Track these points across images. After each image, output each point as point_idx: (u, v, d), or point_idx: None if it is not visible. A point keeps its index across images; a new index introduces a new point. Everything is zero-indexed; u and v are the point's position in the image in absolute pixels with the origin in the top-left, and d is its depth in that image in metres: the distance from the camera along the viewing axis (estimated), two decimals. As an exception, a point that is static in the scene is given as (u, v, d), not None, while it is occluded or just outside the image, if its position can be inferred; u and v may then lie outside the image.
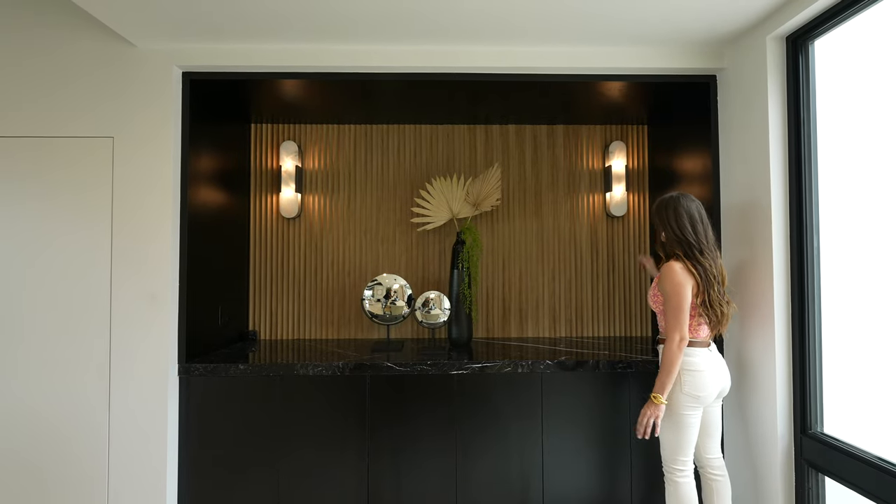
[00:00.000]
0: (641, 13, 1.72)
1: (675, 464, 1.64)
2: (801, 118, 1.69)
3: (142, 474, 1.86)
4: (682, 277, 1.59)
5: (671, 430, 1.63)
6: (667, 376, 1.57)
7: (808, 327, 1.66)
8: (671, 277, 1.60)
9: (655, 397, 1.59)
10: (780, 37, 1.74)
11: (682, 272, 1.59)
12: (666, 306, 1.61)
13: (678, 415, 1.62)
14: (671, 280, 1.59)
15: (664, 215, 1.66)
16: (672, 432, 1.63)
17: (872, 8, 1.45)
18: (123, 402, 1.87)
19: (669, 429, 1.63)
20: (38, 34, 1.89)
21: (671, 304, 1.59)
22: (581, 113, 2.48)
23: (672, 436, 1.63)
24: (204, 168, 2.09)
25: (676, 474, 1.64)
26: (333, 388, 1.93)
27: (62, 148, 1.90)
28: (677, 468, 1.64)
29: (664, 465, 1.68)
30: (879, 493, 1.37)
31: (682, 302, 1.58)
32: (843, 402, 1.66)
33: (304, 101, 2.29)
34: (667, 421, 1.63)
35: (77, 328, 1.87)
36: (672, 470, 1.65)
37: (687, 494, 1.64)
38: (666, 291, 1.61)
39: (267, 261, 2.57)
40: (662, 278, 1.63)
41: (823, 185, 1.67)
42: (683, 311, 1.58)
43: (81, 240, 1.89)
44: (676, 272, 1.60)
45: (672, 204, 1.65)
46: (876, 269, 1.63)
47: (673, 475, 1.65)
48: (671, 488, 1.66)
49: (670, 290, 1.59)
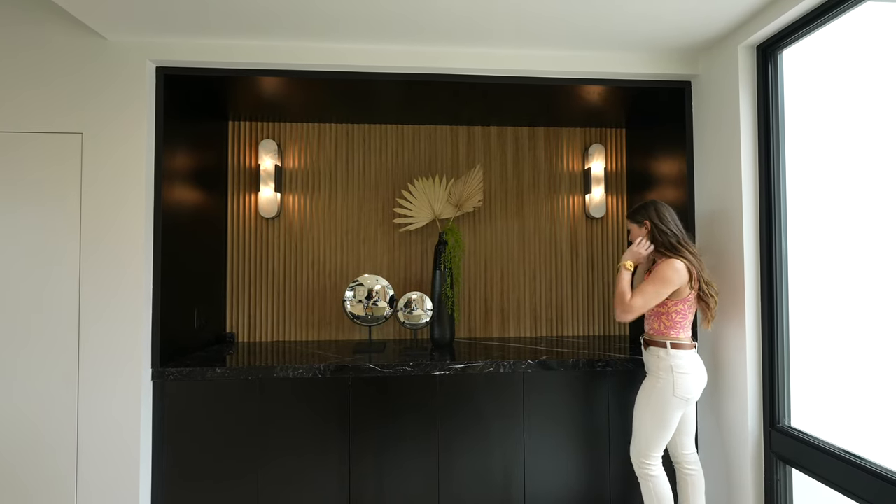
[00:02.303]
0: (620, 19, 1.75)
1: (647, 458, 1.70)
2: (771, 124, 1.76)
3: (113, 485, 1.79)
4: (675, 275, 1.65)
5: (655, 426, 1.68)
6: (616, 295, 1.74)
7: (777, 326, 1.73)
8: (667, 268, 1.66)
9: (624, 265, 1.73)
10: (751, 46, 1.80)
11: (681, 271, 1.66)
12: (648, 286, 1.67)
13: (665, 414, 1.67)
14: (667, 270, 1.66)
15: (649, 213, 1.77)
16: (655, 429, 1.68)
17: (836, 21, 1.52)
18: (93, 409, 1.80)
19: (654, 425, 1.68)
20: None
21: (654, 286, 1.66)
22: (561, 115, 2.51)
23: (654, 432, 1.69)
24: (179, 166, 2.03)
25: (650, 469, 1.70)
26: (314, 390, 1.91)
27: (27, 143, 1.81)
28: (650, 463, 1.70)
29: (636, 461, 1.74)
30: (843, 484, 1.44)
31: (662, 291, 1.66)
32: (810, 397, 1.73)
33: (284, 99, 2.25)
34: (652, 418, 1.68)
35: (42, 332, 1.79)
36: (644, 465, 1.71)
37: (663, 486, 1.70)
38: (656, 277, 1.68)
39: (245, 261, 2.51)
40: (660, 267, 1.69)
41: (791, 189, 1.74)
42: (654, 300, 1.68)
43: (48, 240, 1.81)
44: (675, 268, 1.66)
45: (652, 205, 1.79)
46: (840, 270, 1.71)
47: (646, 469, 1.70)
48: (648, 483, 1.71)
49: (660, 278, 1.66)
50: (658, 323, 1.74)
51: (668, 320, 1.71)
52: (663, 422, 1.68)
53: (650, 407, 1.69)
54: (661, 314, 1.72)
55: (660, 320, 1.73)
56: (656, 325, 1.75)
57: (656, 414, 1.68)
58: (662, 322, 1.73)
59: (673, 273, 1.66)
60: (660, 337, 1.73)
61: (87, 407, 1.80)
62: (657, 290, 1.67)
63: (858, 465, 1.39)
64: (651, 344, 1.75)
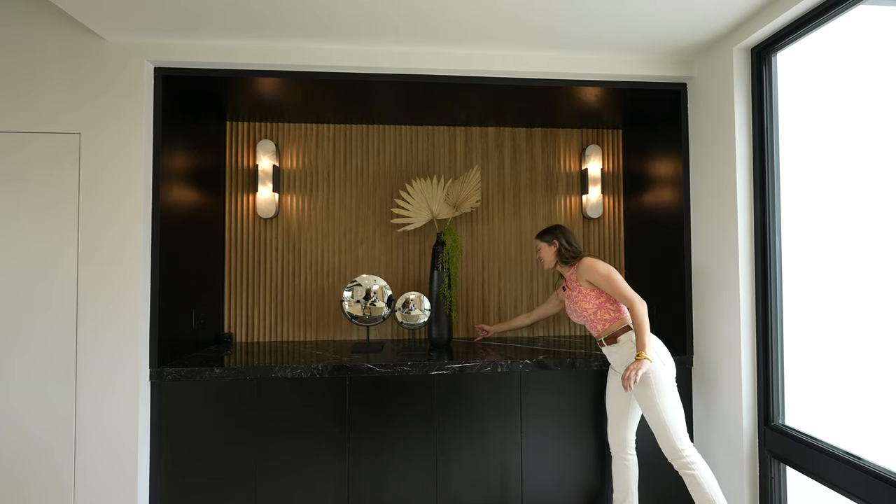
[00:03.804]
0: (616, 22, 1.77)
1: (684, 445, 1.64)
2: (765, 126, 1.78)
3: (111, 485, 1.79)
4: (599, 260, 1.84)
5: (670, 403, 1.67)
6: (645, 335, 1.68)
7: (771, 325, 1.75)
8: (597, 266, 1.82)
9: (640, 355, 1.65)
10: (745, 48, 1.82)
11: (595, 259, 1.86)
12: (610, 287, 1.78)
13: (673, 389, 1.70)
14: (600, 267, 1.81)
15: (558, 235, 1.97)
16: (674, 410, 1.67)
17: (829, 24, 1.54)
18: (91, 410, 1.80)
19: (669, 403, 1.67)
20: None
21: (614, 281, 1.77)
22: (558, 117, 2.53)
23: (675, 414, 1.67)
24: (177, 166, 2.03)
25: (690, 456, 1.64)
26: (313, 390, 1.91)
27: (25, 144, 1.81)
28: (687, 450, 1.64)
29: (673, 456, 1.66)
30: (837, 481, 1.46)
31: (616, 272, 1.80)
32: (804, 395, 1.75)
33: (282, 100, 2.25)
34: (662, 396, 1.66)
35: (40, 331, 1.79)
36: (683, 455, 1.64)
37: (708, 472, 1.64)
38: (599, 277, 1.80)
39: (243, 261, 2.51)
40: (588, 272, 1.82)
41: (785, 189, 1.76)
42: (622, 279, 1.78)
43: (46, 240, 1.80)
44: (594, 259, 1.85)
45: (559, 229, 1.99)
46: (833, 269, 1.73)
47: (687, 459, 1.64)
48: (694, 473, 1.63)
49: (605, 274, 1.79)
50: (606, 313, 1.82)
51: (611, 306, 1.83)
52: (675, 398, 1.69)
53: (657, 392, 1.66)
54: (604, 303, 1.83)
55: (606, 310, 1.82)
56: (606, 315, 1.82)
57: (665, 395, 1.67)
58: (609, 311, 1.82)
59: (598, 264, 1.82)
60: (617, 324, 1.80)
61: (84, 408, 1.80)
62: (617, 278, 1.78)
63: (852, 462, 1.41)
64: (617, 335, 1.79)
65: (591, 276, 1.82)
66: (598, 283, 1.81)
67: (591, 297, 1.84)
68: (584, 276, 1.85)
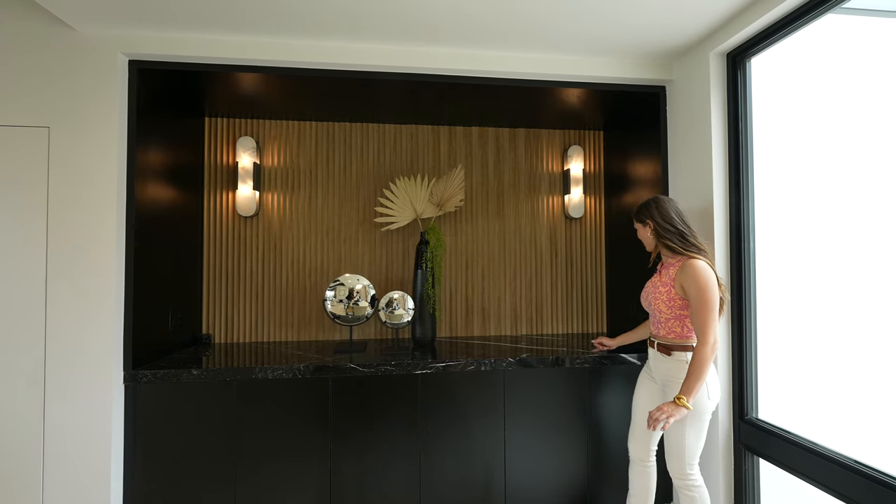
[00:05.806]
0: (599, 25, 1.80)
1: (692, 469, 1.59)
2: (740, 128, 1.83)
3: (81, 495, 1.73)
4: (711, 276, 1.52)
5: (696, 435, 1.56)
6: (698, 381, 1.47)
7: (745, 322, 1.81)
8: (700, 275, 1.51)
9: (681, 399, 1.47)
10: (721, 53, 1.88)
11: (709, 269, 1.54)
12: (696, 307, 1.50)
13: (704, 422, 1.57)
14: (701, 278, 1.50)
15: (651, 212, 1.67)
16: (697, 439, 1.57)
17: (799, 32, 1.60)
18: (61, 415, 1.73)
19: (695, 436, 1.56)
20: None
21: (703, 303, 1.49)
22: (541, 117, 2.55)
23: (696, 443, 1.57)
24: (153, 162, 1.97)
25: (695, 479, 1.59)
26: (294, 391, 1.88)
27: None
28: (694, 474, 1.59)
29: (678, 475, 1.60)
30: (806, 472, 1.51)
31: (715, 300, 1.50)
32: (776, 390, 1.81)
33: (262, 96, 2.21)
34: (693, 426, 1.55)
35: (5, 332, 1.71)
36: (687, 476, 1.58)
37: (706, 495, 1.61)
38: (694, 291, 1.51)
39: (222, 261, 2.46)
40: (687, 277, 1.53)
41: (759, 189, 1.82)
42: (716, 311, 1.50)
43: (12, 238, 1.73)
44: (706, 269, 1.52)
45: (654, 202, 1.68)
46: (805, 268, 1.80)
47: (691, 481, 1.59)
48: (693, 494, 1.58)
49: (701, 288, 1.50)
50: (681, 326, 1.61)
51: (690, 325, 1.60)
52: (702, 430, 1.57)
53: (690, 422, 1.54)
54: (684, 317, 1.60)
55: (682, 323, 1.60)
56: (678, 328, 1.61)
57: (695, 424, 1.55)
58: (685, 325, 1.60)
59: (703, 273, 1.51)
60: (683, 341, 1.61)
61: (53, 412, 1.73)
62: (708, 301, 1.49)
63: (821, 453, 1.47)
64: (674, 349, 1.61)
65: (688, 282, 1.53)
66: (689, 293, 1.53)
67: (675, 305, 1.60)
68: (681, 279, 1.56)
